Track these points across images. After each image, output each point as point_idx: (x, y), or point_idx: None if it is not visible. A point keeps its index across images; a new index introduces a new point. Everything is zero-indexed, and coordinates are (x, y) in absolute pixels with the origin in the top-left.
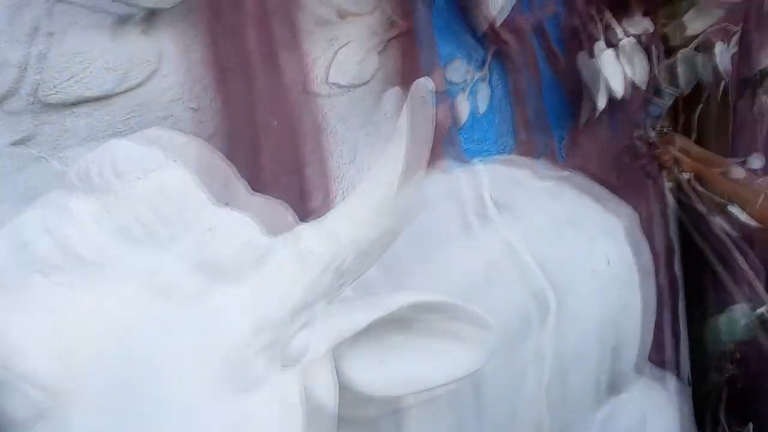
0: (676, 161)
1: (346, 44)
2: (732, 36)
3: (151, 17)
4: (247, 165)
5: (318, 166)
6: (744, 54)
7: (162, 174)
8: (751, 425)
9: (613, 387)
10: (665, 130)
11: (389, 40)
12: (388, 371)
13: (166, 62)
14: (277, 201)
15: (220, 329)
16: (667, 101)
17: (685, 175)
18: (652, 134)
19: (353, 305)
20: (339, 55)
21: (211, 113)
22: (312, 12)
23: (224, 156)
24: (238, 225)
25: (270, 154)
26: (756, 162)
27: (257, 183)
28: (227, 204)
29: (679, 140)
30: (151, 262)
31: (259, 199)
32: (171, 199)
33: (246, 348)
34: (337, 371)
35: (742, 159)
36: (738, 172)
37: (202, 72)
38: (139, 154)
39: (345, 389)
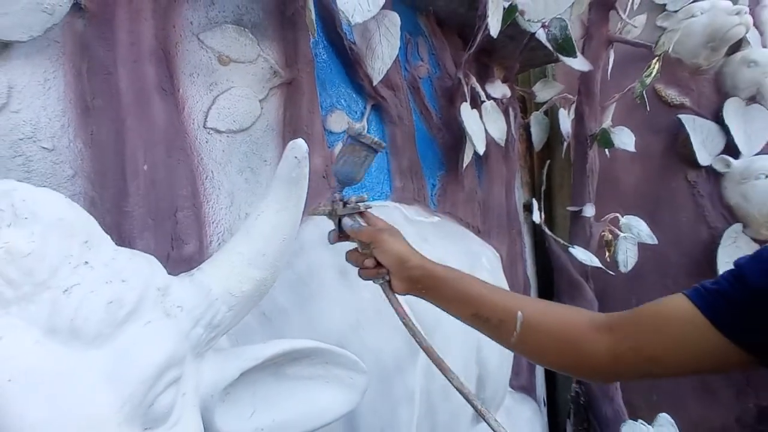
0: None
1: (226, 90)
2: (571, 104)
3: (1, 48)
4: (112, 210)
5: (192, 211)
6: (579, 120)
7: (10, 232)
8: None
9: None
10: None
11: (271, 89)
12: (260, 421)
13: (16, 97)
14: (144, 255)
15: (79, 397)
16: None
17: (537, 218)
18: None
19: (225, 356)
20: (219, 101)
21: (69, 154)
22: (191, 56)
23: (87, 199)
24: (100, 284)
25: (139, 199)
26: (589, 210)
27: (124, 229)
28: (86, 262)
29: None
30: None
31: (125, 254)
32: (19, 260)
33: (112, 416)
34: (209, 425)
35: (579, 208)
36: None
37: (61, 110)
38: None
39: None
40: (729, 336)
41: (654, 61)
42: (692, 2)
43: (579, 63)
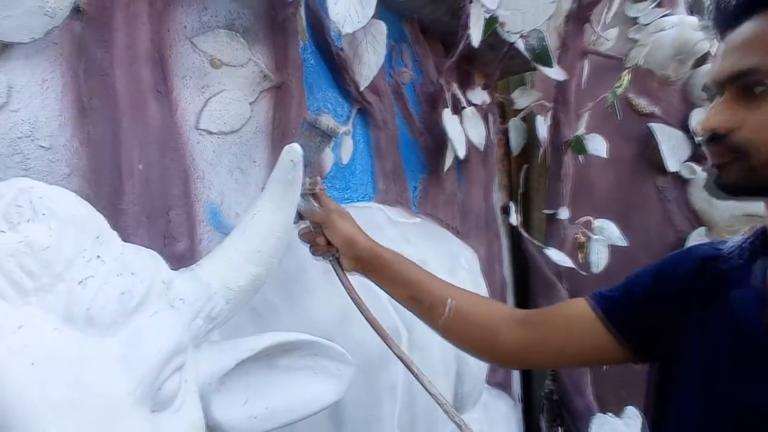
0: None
1: (218, 93)
2: (548, 112)
3: (1, 49)
4: (107, 208)
5: (184, 209)
6: (554, 127)
7: (30, 227)
8: (560, 429)
9: (457, 409)
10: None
11: (261, 92)
12: (252, 409)
13: (15, 96)
14: (149, 250)
15: (96, 380)
16: None
17: (515, 220)
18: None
19: (221, 347)
20: (211, 103)
21: (66, 153)
22: (185, 59)
23: (83, 197)
24: (112, 276)
25: (134, 197)
26: (563, 213)
27: (119, 226)
28: (98, 256)
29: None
30: (17, 317)
31: (132, 249)
32: (38, 252)
33: (126, 397)
34: (206, 412)
35: (554, 211)
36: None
37: (59, 109)
38: (5, 206)
39: (212, 429)
40: (617, 334)
41: (624, 73)
42: (662, 17)
43: (555, 73)
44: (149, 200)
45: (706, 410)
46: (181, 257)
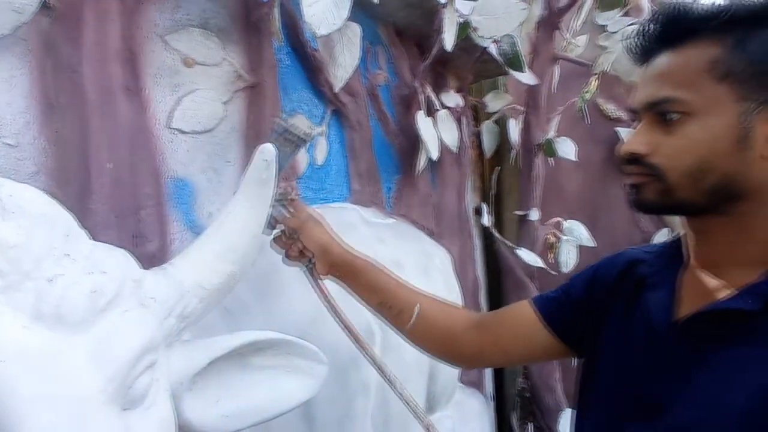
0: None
1: (191, 92)
2: (520, 115)
3: None
4: (75, 207)
5: (155, 209)
6: (526, 130)
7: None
8: (531, 426)
9: (431, 407)
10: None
11: (235, 92)
12: (224, 408)
13: None
14: (119, 249)
15: (66, 377)
16: None
17: (487, 221)
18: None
19: (193, 347)
20: (183, 102)
21: (33, 151)
22: (157, 57)
23: (50, 195)
24: (82, 274)
25: (103, 196)
26: (534, 215)
27: (86, 225)
28: (68, 255)
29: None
30: None
31: (102, 248)
32: (7, 251)
33: (96, 395)
34: (177, 411)
35: (525, 212)
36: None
37: (26, 107)
38: None
39: (183, 429)
40: (554, 333)
41: (593, 78)
42: (629, 25)
43: (527, 77)
44: (119, 199)
45: (616, 407)
46: (152, 257)
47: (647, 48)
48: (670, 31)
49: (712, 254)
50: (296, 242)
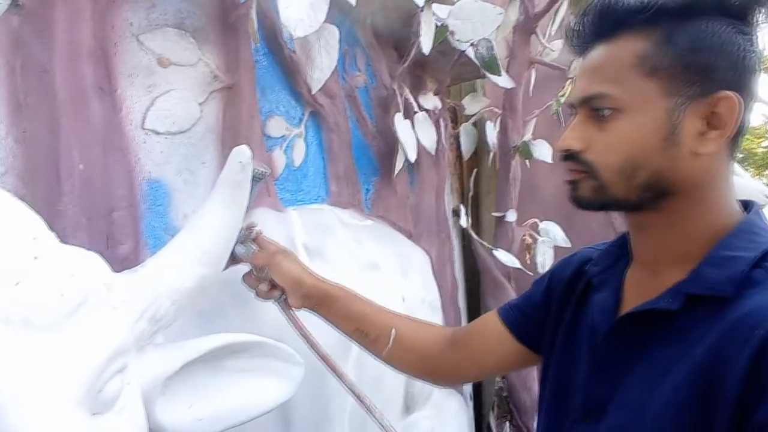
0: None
1: (166, 92)
2: (497, 118)
3: None
4: (44, 209)
5: (128, 211)
6: (503, 132)
7: None
8: (508, 424)
9: (408, 408)
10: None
11: (212, 93)
12: (198, 412)
13: None
14: (89, 252)
15: (34, 381)
16: None
17: (465, 223)
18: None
19: (166, 350)
20: (158, 102)
21: (0, 151)
22: (131, 57)
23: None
24: (50, 277)
25: (73, 198)
26: (511, 216)
27: (56, 227)
28: (36, 257)
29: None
30: None
31: (71, 251)
32: None
33: (65, 399)
34: (149, 416)
35: (503, 214)
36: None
37: None
38: None
39: None
40: (522, 341)
41: (568, 82)
42: None
43: (503, 81)
44: (90, 201)
45: (565, 408)
46: (124, 259)
47: (583, 41)
48: (602, 24)
49: (650, 251)
50: (264, 280)
